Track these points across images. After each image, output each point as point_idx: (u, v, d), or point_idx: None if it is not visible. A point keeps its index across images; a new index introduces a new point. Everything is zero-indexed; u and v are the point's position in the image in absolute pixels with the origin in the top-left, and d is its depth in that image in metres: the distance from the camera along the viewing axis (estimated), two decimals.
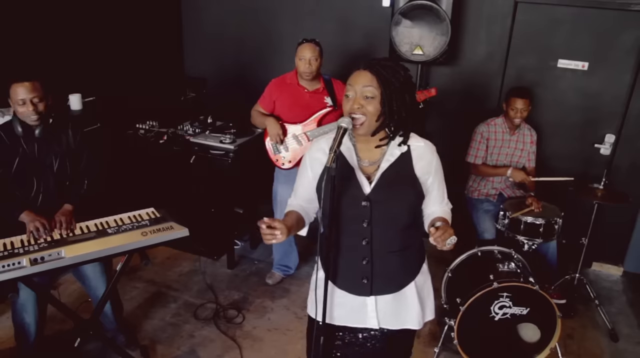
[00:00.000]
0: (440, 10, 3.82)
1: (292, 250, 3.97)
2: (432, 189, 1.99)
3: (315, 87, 3.53)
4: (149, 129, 4.14)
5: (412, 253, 2.05)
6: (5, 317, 3.51)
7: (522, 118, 3.78)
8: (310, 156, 2.05)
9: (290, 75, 3.56)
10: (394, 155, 1.93)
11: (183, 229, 2.68)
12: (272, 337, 3.43)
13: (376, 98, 1.82)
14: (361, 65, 1.87)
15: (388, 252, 1.97)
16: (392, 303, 2.04)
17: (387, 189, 1.91)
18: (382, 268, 1.98)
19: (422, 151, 1.96)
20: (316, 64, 3.43)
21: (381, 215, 1.92)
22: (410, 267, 2.06)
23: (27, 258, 2.36)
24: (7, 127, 2.76)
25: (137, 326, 3.48)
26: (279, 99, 3.57)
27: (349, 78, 1.88)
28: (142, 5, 4.72)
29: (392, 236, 1.96)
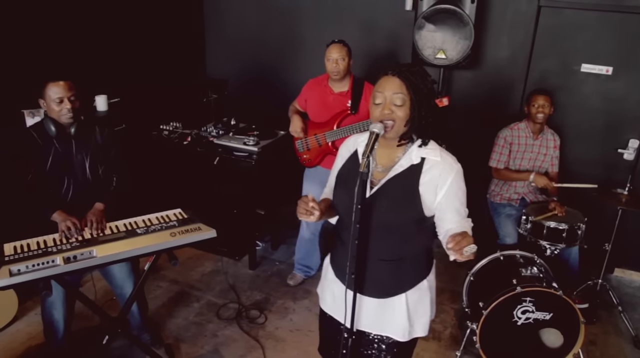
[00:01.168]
0: (463, 15, 3.83)
1: (314, 250, 4.00)
2: (446, 208, 1.90)
3: (341, 90, 3.57)
4: (173, 130, 4.20)
5: (408, 267, 2.01)
6: (33, 313, 3.59)
7: (544, 114, 3.74)
8: (341, 151, 2.13)
9: (324, 77, 3.64)
10: (403, 166, 1.93)
11: (211, 230, 2.72)
12: (294, 337, 3.46)
13: (405, 104, 1.84)
14: (389, 71, 1.87)
15: (378, 258, 1.97)
16: (375, 307, 2.04)
17: (384, 198, 1.91)
18: (370, 271, 1.99)
19: (434, 166, 1.90)
20: (343, 64, 3.46)
21: (372, 222, 1.92)
22: (403, 279, 2.02)
23: (60, 256, 2.41)
24: (39, 128, 2.81)
25: (161, 325, 3.54)
26: (309, 98, 3.67)
27: (377, 84, 1.89)
28: (166, 8, 4.78)
29: (382, 244, 1.95)
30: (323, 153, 3.60)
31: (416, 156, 1.91)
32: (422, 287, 2.05)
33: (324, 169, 3.67)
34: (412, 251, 2.00)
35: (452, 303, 3.88)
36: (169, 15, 4.83)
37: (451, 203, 1.90)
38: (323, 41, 3.61)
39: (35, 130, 2.82)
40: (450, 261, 2.00)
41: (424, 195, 1.88)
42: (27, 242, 2.58)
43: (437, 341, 3.49)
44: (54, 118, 2.77)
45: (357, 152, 2.05)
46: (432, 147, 1.93)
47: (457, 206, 1.91)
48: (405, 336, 2.05)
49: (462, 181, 1.93)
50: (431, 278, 2.10)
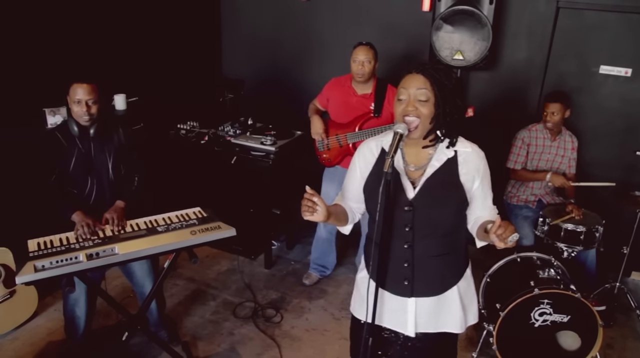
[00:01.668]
0: (481, 16, 3.83)
1: (331, 250, 4.02)
2: (478, 195, 1.98)
3: (364, 92, 3.57)
4: (190, 129, 4.23)
5: (454, 258, 2.05)
6: (52, 308, 3.64)
7: (553, 122, 3.74)
8: (359, 156, 2.09)
9: (347, 77, 3.64)
10: (440, 160, 1.95)
11: (230, 229, 2.75)
12: (310, 337, 3.47)
13: (430, 101, 1.85)
14: (413, 69, 1.89)
15: (429, 256, 1.98)
16: (432, 306, 2.05)
17: (431, 195, 1.93)
18: (423, 272, 2.00)
19: (468, 156, 1.96)
20: (369, 67, 3.47)
21: (423, 221, 1.94)
22: (453, 271, 2.07)
23: (83, 253, 2.45)
24: (63, 128, 2.86)
25: (178, 322, 3.56)
26: (332, 98, 3.68)
27: (402, 81, 1.90)
28: (183, 8, 4.81)
29: (434, 241, 1.97)
30: (343, 153, 3.62)
31: (449, 151, 1.95)
32: (467, 275, 2.11)
33: (343, 169, 3.66)
34: (458, 241, 2.04)
35: None
36: (186, 15, 4.87)
37: (484, 189, 1.99)
38: (340, 42, 3.64)
39: (59, 131, 2.86)
40: None
41: (465, 185, 1.94)
42: (50, 239, 2.62)
43: None
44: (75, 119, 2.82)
45: (385, 152, 2.02)
46: (460, 140, 1.97)
47: (488, 191, 2.01)
48: (462, 327, 2.08)
49: (488, 167, 2.01)
50: (470, 265, 2.15)
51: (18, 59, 3.48)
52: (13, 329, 3.40)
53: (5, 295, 3.32)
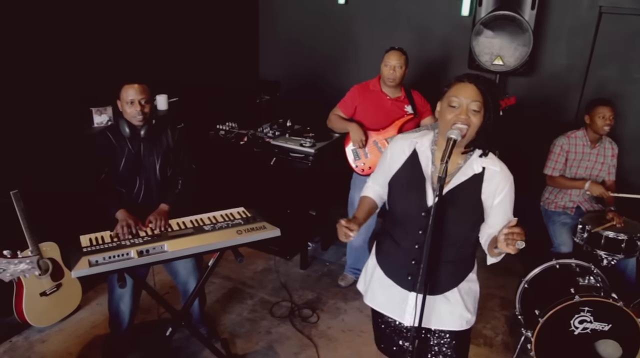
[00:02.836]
0: (523, 21, 3.82)
1: (365, 255, 4.03)
2: (496, 213, 1.98)
3: (397, 95, 3.60)
4: (229, 130, 4.30)
5: (461, 265, 2.13)
6: (94, 303, 3.75)
7: (610, 126, 3.71)
8: (391, 149, 2.16)
9: (373, 82, 3.64)
10: (466, 174, 1.99)
11: (275, 229, 2.80)
12: (346, 337, 3.51)
13: (480, 112, 1.89)
14: (464, 78, 1.93)
15: (438, 261, 2.03)
16: (431, 304, 2.09)
17: (450, 207, 1.96)
18: (429, 273, 2.03)
19: (495, 175, 1.98)
20: (400, 72, 3.50)
21: (437, 229, 1.96)
22: (458, 276, 2.13)
23: (134, 250, 2.52)
24: (114, 129, 2.93)
25: (216, 320, 3.63)
26: (361, 105, 3.65)
27: (453, 88, 1.93)
28: (222, 10, 4.89)
29: (444, 248, 2.02)
30: None
31: (478, 166, 1.98)
32: (471, 278, 2.17)
33: None
34: (467, 252, 2.12)
35: (502, 310, 3.86)
36: (224, 17, 4.96)
37: (502, 210, 1.99)
38: (376, 46, 3.67)
39: (110, 131, 2.94)
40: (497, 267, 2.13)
41: (485, 202, 1.98)
42: (101, 235, 2.70)
43: (489, 347, 3.48)
44: (128, 119, 2.89)
45: (416, 155, 2.07)
46: (490, 157, 2.01)
47: (508, 214, 2.00)
48: (463, 325, 2.14)
49: (513, 190, 2.02)
50: (475, 270, 2.20)
51: (67, 61, 3.59)
52: (59, 321, 3.52)
53: (52, 287, 3.43)
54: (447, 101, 1.94)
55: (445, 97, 1.95)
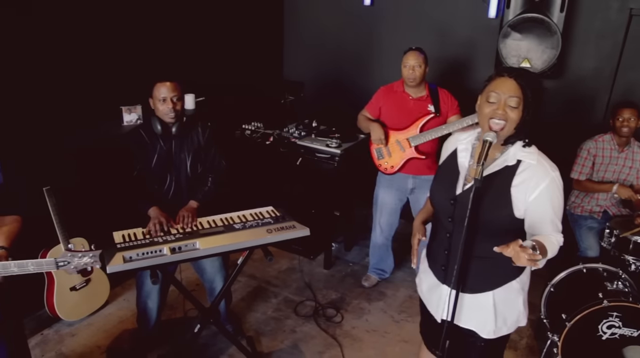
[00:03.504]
0: (551, 24, 3.81)
1: (387, 255, 4.06)
2: (537, 216, 1.91)
3: (419, 95, 3.61)
4: (255, 129, 4.34)
5: (493, 265, 2.01)
6: (122, 298, 3.81)
7: (630, 128, 3.66)
8: (444, 150, 2.21)
9: (397, 83, 3.67)
10: (498, 165, 1.96)
11: (304, 229, 2.83)
12: (370, 338, 3.52)
13: (519, 107, 1.88)
14: (504, 73, 1.91)
15: (468, 255, 2.00)
16: (462, 300, 2.07)
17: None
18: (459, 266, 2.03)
19: (529, 168, 1.92)
20: (420, 71, 3.50)
21: (462, 219, 1.93)
22: (491, 277, 2.06)
23: (167, 247, 2.56)
24: (147, 126, 2.98)
25: (241, 317, 3.67)
26: (385, 106, 3.69)
27: (492, 83, 1.93)
28: (247, 11, 4.94)
29: (474, 241, 1.97)
30: (405, 158, 3.64)
31: (512, 157, 1.94)
32: (512, 288, 2.06)
33: (402, 175, 3.71)
34: None
35: None
36: (249, 18, 4.99)
37: (543, 211, 1.90)
38: (400, 47, 3.66)
39: (143, 129, 2.99)
40: None
41: (515, 197, 1.90)
42: (133, 232, 2.75)
43: (514, 350, 3.48)
44: (160, 117, 2.94)
45: (456, 150, 2.11)
46: (531, 150, 1.95)
47: (551, 217, 1.91)
48: (490, 333, 2.09)
49: (557, 190, 1.91)
50: (523, 280, 2.09)
51: (97, 61, 3.65)
52: (88, 315, 3.58)
53: (82, 283, 3.50)
54: (485, 96, 1.93)
55: (485, 92, 1.94)
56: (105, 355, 3.28)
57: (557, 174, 1.93)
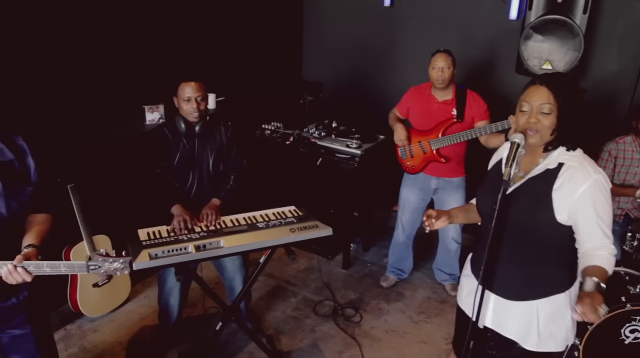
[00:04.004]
0: (574, 26, 3.78)
1: (407, 254, 4.06)
2: (581, 220, 1.86)
3: (445, 98, 3.59)
4: (275, 129, 4.36)
5: (535, 274, 2.00)
6: (142, 295, 3.85)
7: None
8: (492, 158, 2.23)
9: (426, 85, 3.66)
10: (539, 169, 1.95)
11: (327, 228, 2.84)
12: (390, 338, 3.53)
13: (553, 113, 1.86)
14: (537, 81, 1.91)
15: (507, 259, 2.01)
16: (505, 307, 2.06)
17: (515, 201, 1.95)
18: (500, 271, 2.04)
19: (571, 171, 1.88)
20: (448, 73, 3.49)
21: (505, 223, 1.96)
22: (533, 285, 2.02)
23: (192, 245, 2.58)
24: (171, 125, 3.01)
25: (260, 316, 3.69)
26: (412, 106, 3.71)
27: (524, 93, 1.93)
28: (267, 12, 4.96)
29: (513, 246, 1.98)
30: (427, 160, 3.64)
31: (554, 161, 1.92)
32: (558, 301, 2.00)
33: (425, 176, 3.72)
34: (545, 259, 1.98)
35: None
36: (269, 18, 5.01)
37: (586, 216, 1.85)
38: (422, 49, 3.67)
39: (167, 127, 3.02)
40: None
41: (557, 201, 1.87)
42: (157, 229, 2.78)
43: None
44: (183, 116, 2.97)
45: (501, 159, 2.13)
46: (575, 153, 1.93)
47: (595, 219, 1.85)
48: (532, 345, 2.03)
49: (601, 193, 1.85)
50: (572, 294, 2.02)
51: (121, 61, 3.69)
52: (109, 312, 3.62)
53: (104, 279, 3.54)
54: (519, 105, 1.94)
55: (519, 102, 1.94)
56: (126, 352, 3.31)
57: (600, 176, 1.87)
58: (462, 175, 3.73)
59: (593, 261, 1.84)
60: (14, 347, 2.14)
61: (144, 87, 3.83)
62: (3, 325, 2.08)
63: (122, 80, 3.70)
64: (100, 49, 3.55)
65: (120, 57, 3.68)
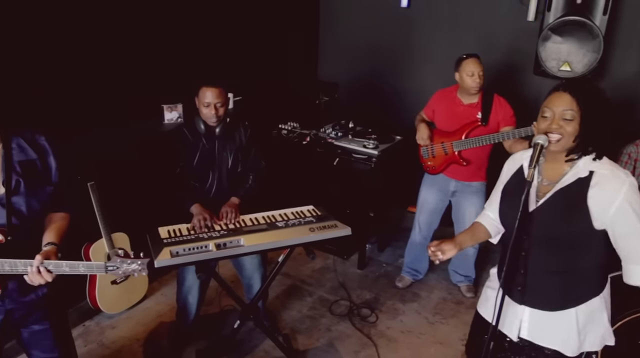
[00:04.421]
0: (594, 27, 3.76)
1: (423, 255, 4.03)
2: (620, 227, 1.85)
3: (470, 101, 3.55)
4: (291, 129, 4.37)
5: (573, 280, 1.98)
6: (159, 293, 3.88)
7: None
8: (507, 165, 2.20)
9: (452, 88, 3.64)
10: (570, 179, 1.93)
11: (346, 228, 2.86)
12: (406, 338, 3.53)
13: (575, 120, 1.85)
14: (560, 87, 1.90)
15: (543, 270, 1.99)
16: (543, 320, 2.04)
17: (551, 211, 1.93)
18: (537, 284, 2.02)
19: (603, 179, 1.86)
20: (483, 78, 3.43)
21: (540, 235, 1.95)
22: (572, 293, 2.00)
23: (212, 243, 2.61)
24: (191, 125, 3.04)
25: (276, 315, 3.71)
26: (437, 109, 3.70)
27: (547, 99, 1.92)
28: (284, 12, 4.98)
29: (549, 257, 1.97)
30: (448, 161, 3.64)
31: (584, 170, 1.90)
32: (594, 304, 2.01)
33: (445, 177, 3.71)
34: (581, 265, 1.97)
35: None
36: (286, 20, 5.03)
37: (628, 222, 1.83)
38: (438, 50, 3.65)
39: (187, 127, 3.05)
40: None
41: (593, 209, 1.85)
42: (178, 227, 2.81)
43: None
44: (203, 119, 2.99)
45: (522, 166, 2.09)
46: (602, 161, 1.91)
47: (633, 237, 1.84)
48: (574, 351, 2.03)
49: (637, 195, 1.82)
50: (605, 296, 2.05)
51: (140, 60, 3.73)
52: (127, 309, 3.66)
53: (122, 276, 3.57)
54: (541, 112, 1.93)
55: (541, 108, 1.93)
56: (143, 348, 3.34)
57: (632, 179, 1.85)
58: (482, 180, 3.71)
59: None
60: (33, 342, 2.17)
61: (163, 87, 3.86)
62: (23, 320, 2.11)
63: (141, 79, 3.73)
64: (121, 48, 3.58)
65: (140, 57, 3.71)
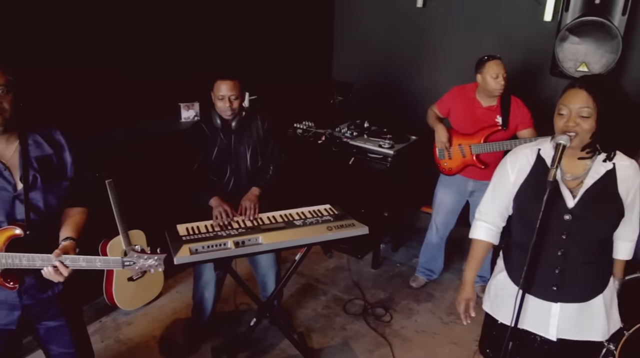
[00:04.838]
0: (612, 27, 3.74)
1: (439, 255, 4.04)
2: (628, 210, 2.00)
3: (490, 104, 3.50)
4: (307, 129, 4.38)
5: (602, 266, 2.10)
6: (174, 290, 3.91)
7: None
8: (513, 163, 2.12)
9: (470, 87, 3.55)
10: (599, 172, 1.98)
11: (363, 227, 2.86)
12: (420, 338, 3.53)
13: (592, 117, 1.85)
14: (576, 84, 1.89)
15: (582, 262, 2.02)
16: (576, 313, 2.07)
17: (591, 206, 1.97)
18: (574, 278, 2.03)
19: (627, 170, 1.98)
20: (506, 80, 3.37)
21: (581, 230, 1.98)
22: (600, 278, 2.10)
23: (231, 240, 2.62)
24: (208, 120, 3.06)
25: (291, 314, 3.72)
26: (454, 108, 3.64)
27: (563, 96, 1.92)
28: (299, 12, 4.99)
29: (588, 249, 2.02)
30: (465, 164, 3.59)
31: (607, 163, 1.98)
32: (611, 285, 2.14)
33: (462, 178, 3.67)
34: (607, 250, 2.11)
35: None
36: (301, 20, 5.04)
37: (634, 203, 2.02)
38: (454, 50, 3.61)
39: (204, 122, 3.07)
40: None
41: (624, 197, 1.98)
42: (196, 225, 2.82)
43: None
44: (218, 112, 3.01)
45: (542, 160, 2.05)
46: (618, 155, 1.99)
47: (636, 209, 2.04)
48: (605, 335, 2.12)
49: None
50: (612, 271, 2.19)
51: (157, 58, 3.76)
52: (143, 306, 3.69)
53: (138, 273, 3.58)
54: (557, 109, 1.93)
55: (557, 104, 1.94)
56: (159, 345, 3.37)
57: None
58: None
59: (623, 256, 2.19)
60: (50, 338, 2.19)
61: (180, 85, 3.88)
62: (39, 316, 2.12)
63: (158, 77, 3.75)
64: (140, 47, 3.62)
65: (157, 56, 3.74)
